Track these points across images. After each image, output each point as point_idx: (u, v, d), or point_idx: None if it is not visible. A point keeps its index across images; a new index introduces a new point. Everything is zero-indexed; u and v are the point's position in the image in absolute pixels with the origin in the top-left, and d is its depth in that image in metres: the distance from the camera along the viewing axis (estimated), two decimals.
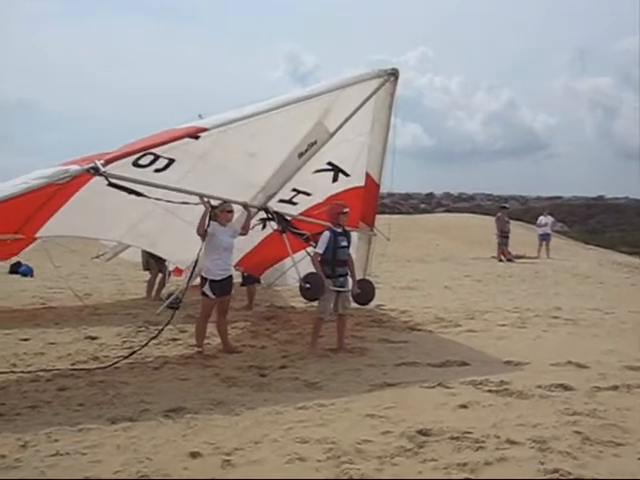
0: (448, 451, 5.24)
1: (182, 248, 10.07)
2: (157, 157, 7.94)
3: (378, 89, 9.41)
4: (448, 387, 7.07)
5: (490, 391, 6.93)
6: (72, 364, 8.19)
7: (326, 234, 8.84)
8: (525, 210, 63.10)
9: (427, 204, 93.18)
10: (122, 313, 11.89)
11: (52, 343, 9.31)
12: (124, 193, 7.91)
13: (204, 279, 8.73)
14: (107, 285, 15.45)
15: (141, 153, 7.66)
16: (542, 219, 26.68)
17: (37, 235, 9.30)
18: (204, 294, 8.74)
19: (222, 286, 8.74)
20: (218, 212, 8.70)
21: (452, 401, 6.58)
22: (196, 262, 8.89)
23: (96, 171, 7.15)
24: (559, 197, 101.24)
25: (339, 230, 8.92)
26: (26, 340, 9.48)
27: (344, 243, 8.93)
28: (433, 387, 7.09)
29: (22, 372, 7.77)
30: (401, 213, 64.89)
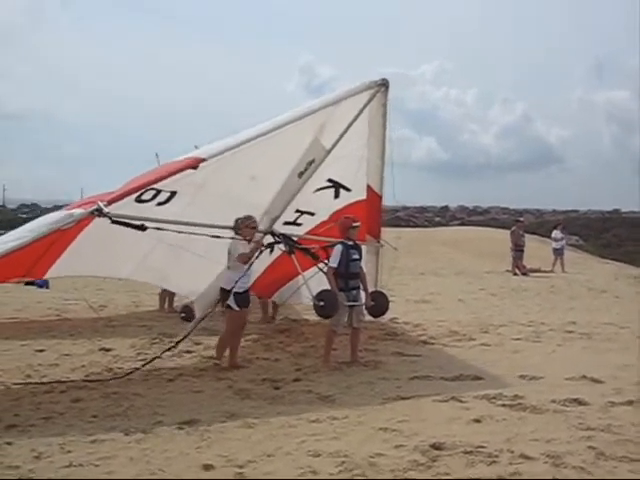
0: (461, 465, 5.22)
1: (193, 280, 10.06)
2: (159, 191, 8.01)
3: (370, 101, 9.42)
4: (461, 401, 7.05)
5: (504, 405, 6.90)
6: (86, 376, 8.23)
7: (338, 247, 8.87)
8: (540, 223, 62.62)
9: (442, 217, 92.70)
10: (136, 325, 11.93)
11: (67, 354, 9.37)
12: (129, 229, 7.93)
13: (227, 292, 8.68)
14: (122, 297, 15.51)
15: (143, 190, 7.73)
16: (557, 233, 26.53)
17: (46, 277, 9.37)
18: (229, 307, 8.70)
19: (244, 298, 8.74)
20: (242, 226, 8.71)
21: (465, 415, 6.56)
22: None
23: (100, 212, 7.24)
24: (575, 211, 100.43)
25: (350, 243, 8.94)
26: (41, 351, 9.53)
27: (356, 256, 8.96)
28: (446, 401, 7.07)
29: (37, 383, 7.82)
30: (416, 226, 64.62)
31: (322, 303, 8.67)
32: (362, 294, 9.17)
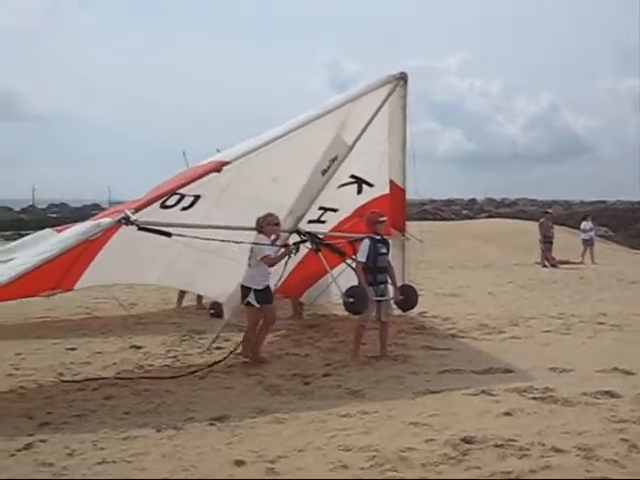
0: (492, 459, 5.20)
1: (220, 282, 10.06)
2: (183, 196, 8.03)
3: (390, 95, 9.38)
4: (492, 394, 7.02)
5: (535, 398, 6.86)
6: (117, 373, 8.32)
7: (366, 242, 8.87)
8: (569, 215, 61.78)
9: (469, 210, 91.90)
10: (166, 322, 12.03)
11: (98, 352, 9.46)
12: (154, 236, 7.96)
13: (247, 288, 8.74)
14: (151, 295, 15.59)
15: (167, 196, 7.78)
16: (586, 224, 26.29)
17: (75, 287, 9.42)
18: (249, 304, 8.76)
19: (264, 295, 8.77)
20: (264, 224, 8.73)
21: (496, 408, 6.53)
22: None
23: (127, 220, 7.28)
24: (603, 201, 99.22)
25: (377, 237, 8.94)
26: (73, 349, 9.64)
27: (383, 250, 8.96)
28: (477, 394, 7.04)
29: (69, 381, 7.91)
30: (443, 219, 64.21)
31: (352, 300, 8.66)
32: (390, 288, 9.17)
